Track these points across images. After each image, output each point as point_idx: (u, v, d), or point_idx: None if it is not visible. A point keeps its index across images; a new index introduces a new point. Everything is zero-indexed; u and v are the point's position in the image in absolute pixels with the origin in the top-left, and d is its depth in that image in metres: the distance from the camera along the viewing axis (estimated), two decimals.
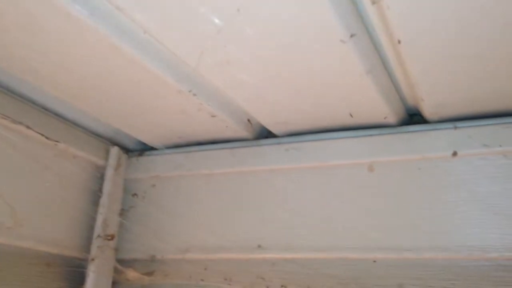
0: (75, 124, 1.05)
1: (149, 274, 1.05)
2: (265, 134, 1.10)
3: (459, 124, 0.92)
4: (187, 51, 0.75)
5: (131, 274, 1.01)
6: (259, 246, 1.00)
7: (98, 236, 1.03)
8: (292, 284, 0.95)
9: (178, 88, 0.84)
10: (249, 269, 0.99)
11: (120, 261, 1.08)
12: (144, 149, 1.18)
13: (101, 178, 1.09)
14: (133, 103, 0.94)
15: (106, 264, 1.04)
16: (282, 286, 0.95)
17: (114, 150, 1.11)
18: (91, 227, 1.05)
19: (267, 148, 1.06)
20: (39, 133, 0.94)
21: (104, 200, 1.06)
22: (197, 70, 0.78)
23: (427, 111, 0.91)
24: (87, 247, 1.03)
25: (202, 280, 1.00)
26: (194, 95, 0.87)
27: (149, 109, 0.96)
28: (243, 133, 1.05)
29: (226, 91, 0.88)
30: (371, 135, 0.98)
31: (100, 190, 1.07)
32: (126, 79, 0.84)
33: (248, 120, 1.03)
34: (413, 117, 1.00)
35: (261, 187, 1.04)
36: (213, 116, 0.96)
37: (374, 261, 0.90)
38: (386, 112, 0.92)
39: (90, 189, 1.07)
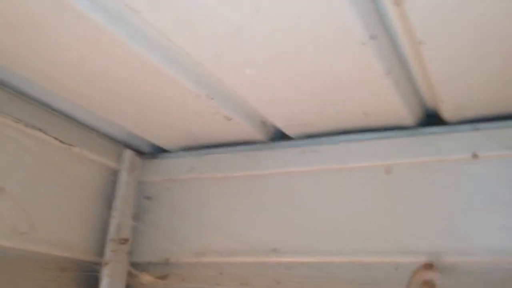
0: (89, 127, 1.04)
1: (163, 278, 1.04)
2: (279, 136, 1.08)
3: (479, 125, 0.90)
4: (204, 53, 0.74)
5: (145, 278, 1.00)
6: (275, 250, 0.99)
7: (112, 239, 1.02)
8: (308, 286, 0.93)
9: (196, 91, 0.83)
10: (265, 273, 0.98)
11: (134, 265, 1.07)
12: (158, 151, 1.18)
13: (115, 181, 1.08)
14: (148, 106, 0.93)
15: (120, 268, 1.03)
16: None
17: (128, 153, 1.10)
18: (104, 231, 1.04)
19: (282, 151, 1.05)
20: (53, 137, 0.93)
21: (117, 203, 1.05)
22: (214, 72, 0.77)
23: (447, 112, 0.89)
24: (100, 251, 1.02)
25: (217, 284, 0.99)
26: (212, 98, 0.86)
27: (163, 113, 0.95)
28: (257, 135, 1.04)
29: (242, 94, 0.86)
30: (388, 137, 0.96)
31: (113, 193, 1.06)
32: (141, 82, 0.83)
33: (263, 122, 1.01)
34: (432, 118, 0.98)
35: (277, 190, 1.03)
36: (229, 119, 0.94)
37: (394, 266, 0.89)
38: (404, 113, 0.90)
39: (104, 193, 1.06)
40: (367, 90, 0.83)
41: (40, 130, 0.91)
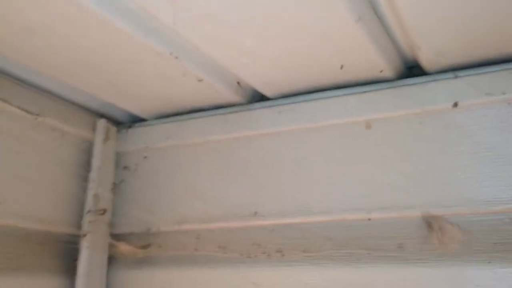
0: (60, 97, 1.01)
1: (145, 247, 1.01)
2: (258, 97, 1.05)
3: (459, 73, 0.86)
4: (159, 7, 0.69)
5: (124, 247, 0.98)
6: (256, 213, 0.96)
7: (89, 211, 1.00)
8: (289, 248, 0.91)
9: (157, 50, 0.79)
10: (245, 237, 0.95)
11: (115, 236, 1.05)
12: (134, 121, 1.14)
13: (90, 152, 1.05)
14: (117, 72, 0.89)
15: (99, 239, 1.01)
16: (278, 251, 0.92)
17: (102, 122, 1.07)
18: (82, 203, 1.01)
19: (260, 112, 1.02)
20: (19, 108, 0.90)
21: (93, 174, 1.03)
22: (174, 28, 0.73)
23: (425, 60, 0.85)
24: (79, 223, 1.00)
25: (196, 250, 0.97)
26: (176, 57, 0.82)
27: (134, 78, 0.91)
28: (234, 97, 1.00)
29: (209, 52, 0.83)
30: (367, 91, 0.93)
31: (89, 164, 1.04)
32: (102, 45, 0.79)
33: (238, 83, 0.98)
34: (412, 70, 0.94)
35: (256, 152, 1.00)
36: (199, 80, 0.91)
37: (369, 219, 0.86)
38: (381, 64, 0.86)
39: (79, 164, 1.03)
40: (340, 41, 0.79)
41: (4, 100, 0.88)
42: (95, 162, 1.03)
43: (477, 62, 0.86)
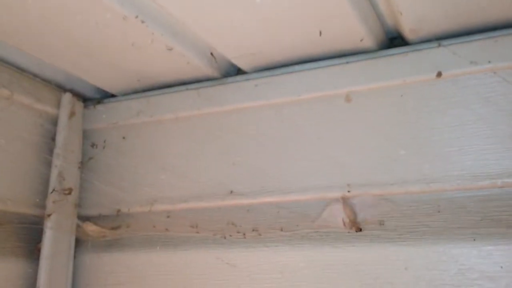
0: (20, 69, 0.95)
1: (115, 228, 0.96)
2: (234, 72, 1.00)
3: (442, 42, 0.82)
4: None
5: (89, 228, 0.93)
6: (232, 192, 0.92)
7: (54, 190, 0.94)
8: (264, 227, 0.87)
9: (122, 12, 0.74)
10: (219, 216, 0.91)
11: (83, 217, 1.00)
12: (104, 97, 1.08)
13: (55, 128, 0.99)
14: (79, 39, 0.83)
15: (65, 220, 0.95)
16: (253, 230, 0.87)
17: (67, 97, 1.00)
18: (46, 182, 0.95)
19: (235, 86, 0.96)
20: None
21: (58, 151, 0.97)
22: None
23: (407, 27, 0.81)
24: (43, 203, 0.94)
25: (167, 230, 0.92)
26: (142, 22, 0.77)
27: (98, 45, 0.85)
28: (208, 70, 0.95)
29: (177, 15, 0.77)
30: (347, 62, 0.88)
31: (54, 141, 0.97)
32: (65, 9, 0.73)
33: (211, 54, 0.92)
34: (394, 41, 0.90)
35: (231, 129, 0.95)
36: (169, 49, 0.85)
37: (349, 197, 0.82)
38: (362, 32, 0.82)
39: (43, 141, 0.97)
40: (319, 6, 0.75)
41: None
42: (60, 138, 0.97)
43: (461, 30, 0.82)
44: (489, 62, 0.78)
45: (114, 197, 1.00)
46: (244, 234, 0.88)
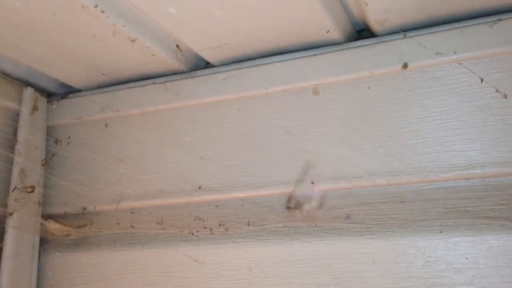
0: None
1: (80, 227, 0.94)
2: (203, 65, 0.98)
3: (409, 33, 0.82)
4: None
5: (52, 226, 0.90)
6: (200, 188, 0.90)
7: (16, 188, 0.91)
8: (231, 222, 0.85)
9: (80, 1, 0.71)
10: (186, 212, 0.89)
11: (48, 216, 0.97)
12: (68, 92, 1.06)
13: (16, 124, 0.96)
14: (39, 31, 0.81)
15: (28, 218, 0.92)
16: (220, 225, 0.86)
17: (28, 91, 0.97)
18: (8, 179, 0.92)
19: (202, 79, 0.95)
20: None
21: (20, 148, 0.94)
22: None
23: (373, 19, 0.80)
24: (4, 201, 0.91)
25: (132, 227, 0.90)
26: (103, 11, 0.74)
27: (58, 37, 0.83)
28: (175, 63, 0.93)
29: (141, 7, 0.75)
30: (314, 55, 0.88)
31: (15, 137, 0.95)
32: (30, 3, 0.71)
33: (177, 46, 0.91)
34: (361, 34, 0.89)
35: (199, 123, 0.93)
36: (132, 40, 0.83)
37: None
38: (328, 24, 0.81)
39: (3, 137, 0.94)
40: None
41: None
42: (22, 134, 0.94)
43: (427, 22, 0.81)
44: (455, 53, 0.78)
45: (79, 195, 0.97)
46: (211, 229, 0.86)
